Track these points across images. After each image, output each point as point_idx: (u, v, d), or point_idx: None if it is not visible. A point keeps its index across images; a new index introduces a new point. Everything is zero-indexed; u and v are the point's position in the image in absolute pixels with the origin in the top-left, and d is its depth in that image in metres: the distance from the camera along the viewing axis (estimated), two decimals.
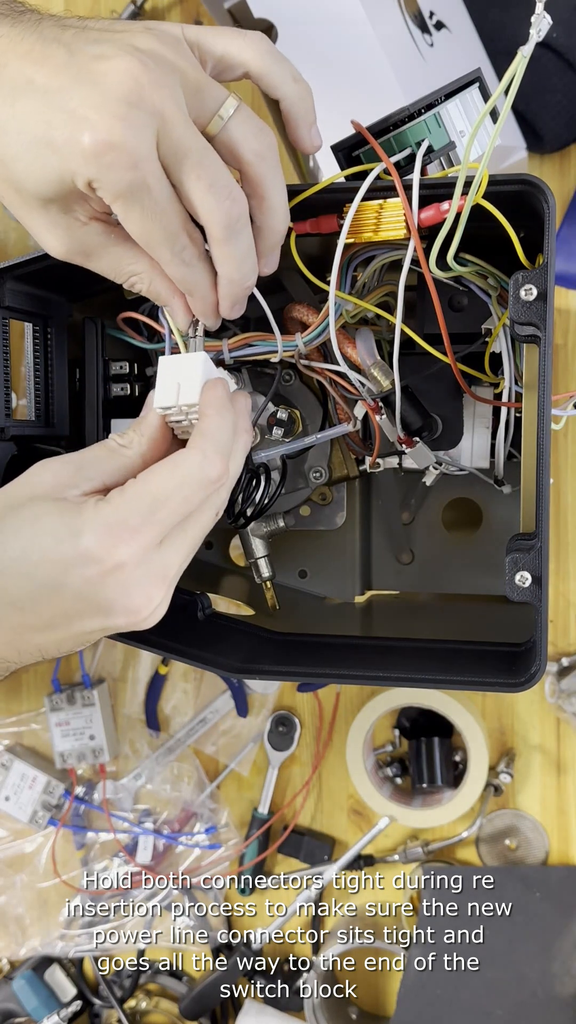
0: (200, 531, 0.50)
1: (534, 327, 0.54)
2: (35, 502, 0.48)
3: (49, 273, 0.60)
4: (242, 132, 0.49)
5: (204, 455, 0.48)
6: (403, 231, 0.54)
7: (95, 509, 0.47)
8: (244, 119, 0.50)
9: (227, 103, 0.49)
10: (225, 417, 0.50)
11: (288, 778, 0.92)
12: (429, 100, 0.56)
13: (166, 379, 0.51)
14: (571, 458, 0.85)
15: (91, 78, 0.45)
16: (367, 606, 0.75)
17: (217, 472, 0.48)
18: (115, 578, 0.46)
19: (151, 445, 0.51)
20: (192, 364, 0.51)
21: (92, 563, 0.46)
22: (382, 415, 0.62)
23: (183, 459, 0.48)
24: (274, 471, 0.65)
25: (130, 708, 0.94)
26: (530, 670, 0.56)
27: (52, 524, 0.46)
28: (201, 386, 0.50)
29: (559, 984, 0.84)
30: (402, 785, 0.90)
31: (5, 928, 0.95)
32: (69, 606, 0.47)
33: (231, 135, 0.49)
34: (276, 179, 0.51)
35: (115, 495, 0.47)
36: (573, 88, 0.79)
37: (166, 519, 0.47)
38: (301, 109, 0.53)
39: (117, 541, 0.46)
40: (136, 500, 0.47)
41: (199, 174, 0.48)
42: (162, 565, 0.48)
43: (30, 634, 0.48)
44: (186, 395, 0.50)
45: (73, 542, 0.46)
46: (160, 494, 0.47)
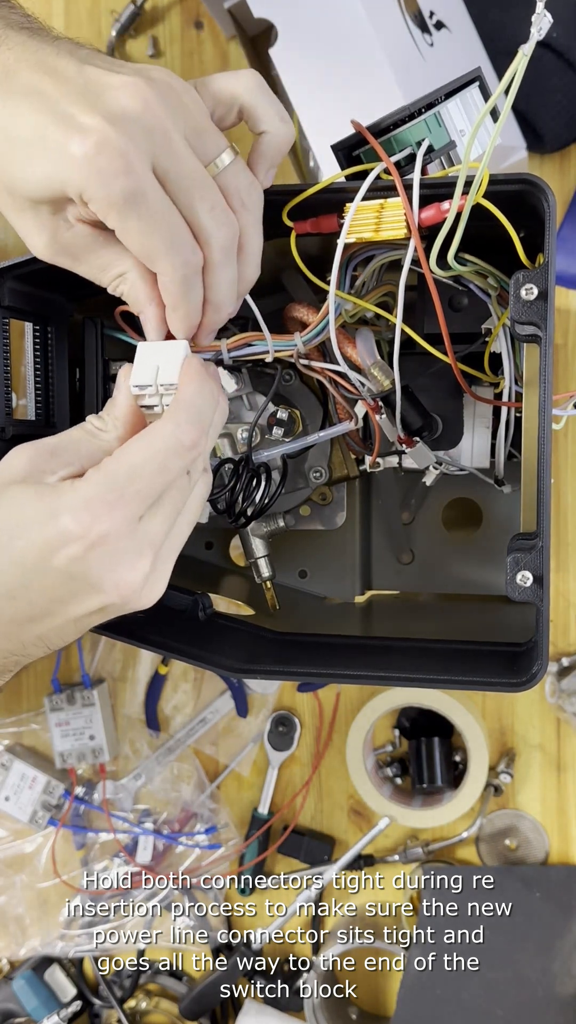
0: (182, 499, 0.50)
1: (535, 327, 0.54)
2: (13, 488, 0.47)
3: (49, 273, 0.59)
4: (235, 183, 0.51)
5: (176, 424, 0.48)
6: (403, 231, 0.54)
7: (72, 488, 0.47)
8: (239, 170, 0.51)
9: (226, 152, 0.50)
10: (202, 387, 0.49)
11: (288, 778, 0.92)
12: (429, 99, 0.56)
13: (145, 360, 0.51)
14: (571, 458, 0.85)
15: (97, 90, 0.46)
16: (367, 606, 0.75)
17: (191, 439, 0.48)
18: (99, 552, 0.46)
19: (128, 429, 0.51)
20: (174, 350, 0.51)
21: (73, 541, 0.45)
22: (382, 415, 0.62)
23: (156, 430, 0.48)
24: (274, 471, 0.65)
25: (130, 708, 0.94)
26: (531, 670, 0.56)
27: (32, 509, 0.46)
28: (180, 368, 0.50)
29: (559, 984, 0.84)
30: (402, 785, 0.90)
31: (5, 928, 0.95)
32: (60, 588, 0.47)
33: (225, 183, 0.50)
34: (257, 233, 0.53)
35: (91, 472, 0.47)
36: (573, 88, 0.79)
37: (144, 489, 0.47)
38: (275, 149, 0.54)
39: (95, 515, 0.46)
40: (111, 474, 0.47)
41: (202, 195, 0.48)
42: (146, 535, 0.47)
43: (28, 624, 0.48)
44: (165, 375, 0.50)
45: (53, 523, 0.46)
46: (135, 465, 0.47)
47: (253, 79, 0.53)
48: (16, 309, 0.62)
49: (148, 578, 0.48)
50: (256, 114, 0.53)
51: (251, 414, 0.65)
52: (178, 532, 0.50)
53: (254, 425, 0.64)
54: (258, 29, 0.81)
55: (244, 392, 0.65)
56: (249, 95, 0.52)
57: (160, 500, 0.48)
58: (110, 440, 0.50)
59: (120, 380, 0.51)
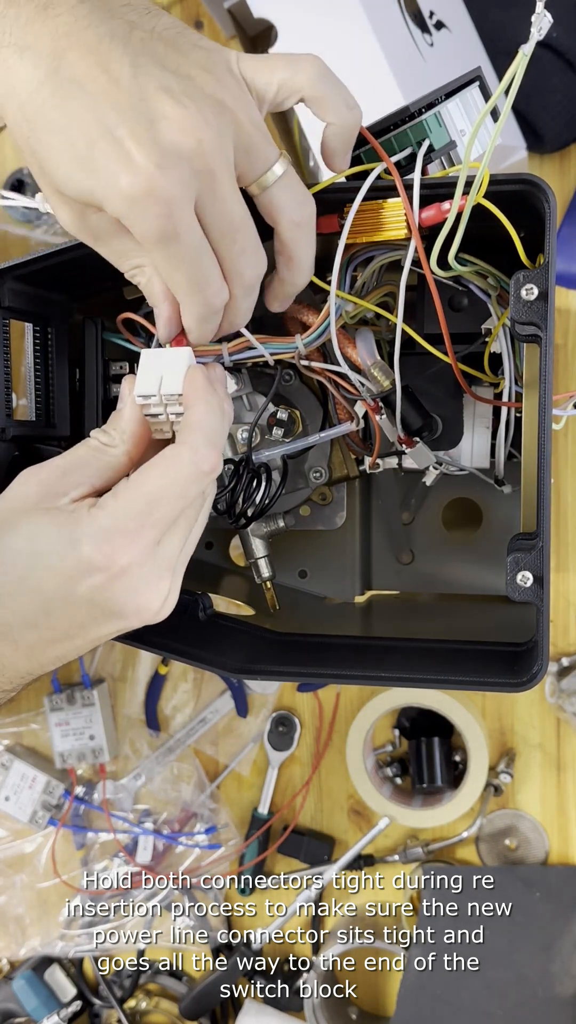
0: (195, 516, 0.50)
1: (535, 327, 0.53)
2: (29, 517, 0.47)
3: (49, 273, 0.59)
4: (283, 199, 0.49)
5: (195, 450, 0.48)
6: (404, 231, 0.54)
7: (90, 517, 0.46)
8: (288, 185, 0.49)
9: (274, 168, 0.48)
10: (212, 405, 0.49)
11: (288, 778, 0.92)
12: (429, 99, 0.56)
13: (148, 370, 0.50)
14: (571, 458, 0.85)
15: (149, 115, 0.44)
16: (367, 606, 0.75)
17: (210, 464, 0.48)
18: (122, 583, 0.46)
19: (135, 441, 0.50)
20: (177, 358, 0.50)
21: (96, 572, 0.46)
22: (382, 415, 0.62)
23: (174, 456, 0.48)
24: (274, 471, 0.65)
25: (130, 708, 0.93)
26: (531, 670, 0.56)
27: (50, 538, 0.46)
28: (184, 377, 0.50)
29: (559, 984, 0.84)
30: (402, 785, 0.90)
31: (5, 928, 0.95)
32: (83, 616, 0.47)
33: (272, 200, 0.49)
34: (308, 245, 0.51)
35: (109, 500, 0.47)
36: (573, 88, 0.79)
37: (163, 518, 0.47)
38: (345, 138, 0.52)
39: (117, 547, 0.46)
40: (131, 504, 0.46)
41: (233, 239, 0.47)
42: (165, 559, 0.48)
43: (48, 647, 0.49)
44: (169, 385, 0.50)
45: (74, 554, 0.46)
46: (154, 495, 0.47)
47: (316, 69, 0.49)
48: (16, 309, 0.62)
49: (166, 598, 0.49)
50: (322, 105, 0.50)
51: (251, 414, 0.65)
52: (190, 546, 0.51)
53: (254, 425, 0.64)
54: (258, 29, 0.81)
55: (244, 392, 0.64)
56: (313, 88, 0.49)
57: (176, 521, 0.48)
58: (118, 455, 0.50)
59: (124, 391, 0.51)
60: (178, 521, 0.48)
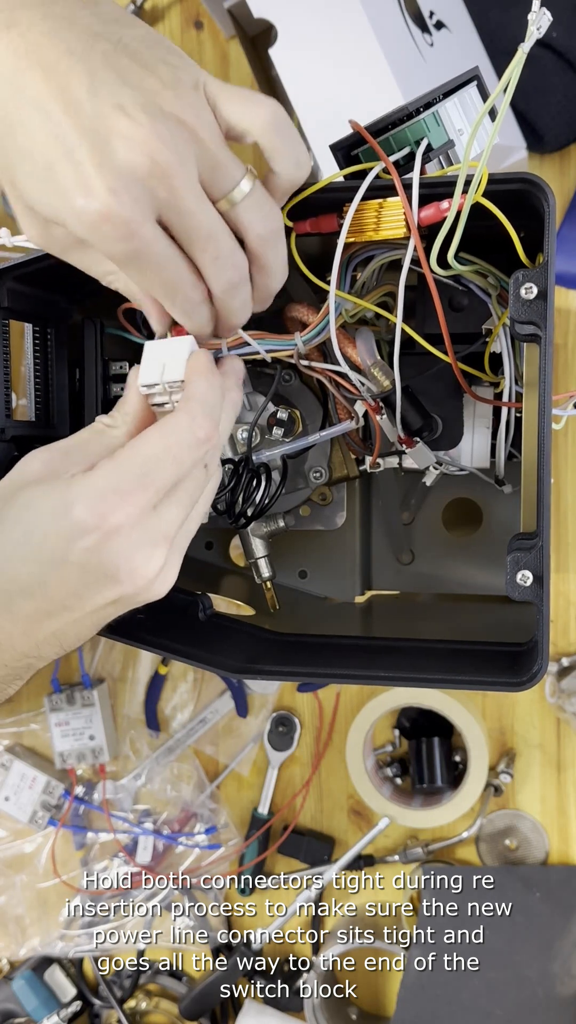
0: (197, 491, 0.50)
1: (534, 326, 0.54)
2: (27, 489, 0.48)
3: (49, 273, 0.59)
4: (250, 217, 0.49)
5: (192, 416, 0.48)
6: (403, 230, 0.54)
7: (84, 479, 0.47)
8: (254, 203, 0.49)
9: (240, 186, 0.48)
10: (211, 380, 0.50)
11: (288, 778, 0.92)
12: (428, 99, 0.56)
13: (151, 360, 0.51)
14: (571, 458, 0.85)
15: (105, 135, 0.44)
16: (367, 606, 0.75)
17: (206, 432, 0.48)
18: (114, 543, 0.46)
19: (137, 425, 0.51)
20: (179, 346, 0.51)
21: (89, 532, 0.46)
22: (382, 415, 0.62)
23: (171, 421, 0.48)
24: (274, 471, 0.65)
25: (130, 708, 0.94)
26: (531, 670, 0.56)
27: (46, 503, 0.47)
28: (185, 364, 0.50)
29: (559, 984, 0.84)
30: (402, 785, 0.90)
31: (5, 928, 0.95)
32: (76, 580, 0.47)
33: (239, 217, 0.49)
34: (277, 252, 0.51)
35: (103, 463, 0.47)
36: (573, 88, 0.79)
37: (157, 481, 0.47)
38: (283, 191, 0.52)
39: (110, 507, 0.46)
40: (125, 465, 0.47)
41: (204, 248, 0.48)
42: (160, 526, 0.48)
43: (45, 620, 0.48)
44: (171, 372, 0.50)
45: (67, 515, 0.46)
46: (149, 457, 0.47)
47: (270, 116, 0.48)
48: (16, 310, 0.62)
49: (162, 569, 0.48)
50: (271, 154, 0.50)
51: (251, 414, 0.65)
52: (191, 525, 0.51)
53: (254, 425, 0.64)
54: (258, 29, 0.81)
55: (244, 392, 0.65)
56: (264, 136, 0.48)
57: (175, 491, 0.48)
58: (119, 436, 0.51)
59: (130, 381, 0.52)
60: (176, 491, 0.49)
